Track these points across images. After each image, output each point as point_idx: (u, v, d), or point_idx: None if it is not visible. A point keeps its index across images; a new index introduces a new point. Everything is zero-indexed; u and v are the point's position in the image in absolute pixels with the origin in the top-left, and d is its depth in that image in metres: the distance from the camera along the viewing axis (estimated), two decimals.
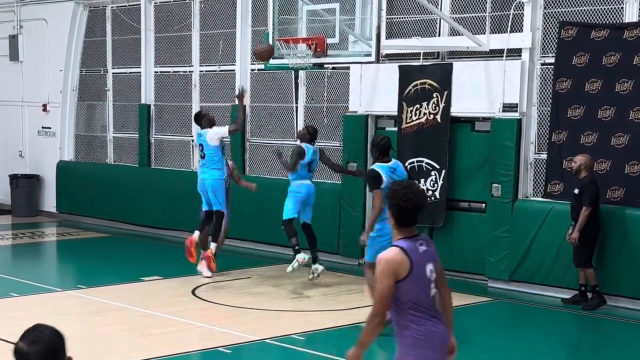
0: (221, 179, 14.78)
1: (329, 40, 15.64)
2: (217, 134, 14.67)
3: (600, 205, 13.01)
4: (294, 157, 14.33)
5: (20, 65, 23.11)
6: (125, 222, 20.55)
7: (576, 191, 12.93)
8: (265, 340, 11.25)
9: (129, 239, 19.47)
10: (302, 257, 13.98)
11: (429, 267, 6.11)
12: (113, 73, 21.47)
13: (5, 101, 23.62)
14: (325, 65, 16.18)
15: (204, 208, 15.10)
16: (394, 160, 11.85)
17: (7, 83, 23.39)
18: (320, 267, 14.33)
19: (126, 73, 21.17)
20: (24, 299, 13.57)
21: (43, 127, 22.74)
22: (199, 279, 14.82)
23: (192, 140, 19.59)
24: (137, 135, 20.64)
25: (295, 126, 17.58)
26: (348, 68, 16.25)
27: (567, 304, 13.28)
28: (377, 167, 11.58)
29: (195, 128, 19.45)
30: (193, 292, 14.00)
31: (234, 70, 18.59)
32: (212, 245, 14.87)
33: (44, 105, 22.56)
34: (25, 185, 22.73)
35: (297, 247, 14.05)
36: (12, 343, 4.18)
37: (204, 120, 15.01)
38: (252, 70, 18.39)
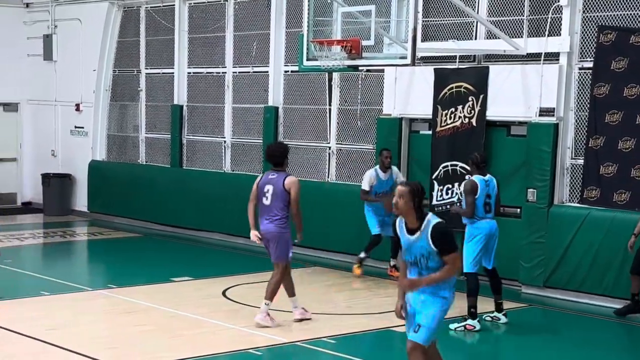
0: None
1: (364, 43, 15.51)
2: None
3: None
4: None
5: (54, 64, 23.16)
6: (156, 222, 20.52)
7: None
8: (296, 343, 11.16)
9: (159, 240, 19.44)
10: (473, 324, 12.10)
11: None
12: (146, 73, 21.45)
13: (38, 100, 23.70)
14: (360, 68, 16.05)
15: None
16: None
17: (41, 82, 23.46)
18: (503, 318, 12.58)
19: (159, 73, 21.15)
20: (55, 298, 13.56)
21: (76, 127, 22.78)
22: (229, 280, 14.75)
23: (224, 142, 19.54)
24: (169, 135, 20.61)
25: (328, 128, 17.48)
26: (383, 70, 16.13)
27: (620, 315, 12.96)
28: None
29: (228, 130, 19.51)
30: (223, 293, 13.94)
31: (267, 72, 18.52)
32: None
33: (77, 105, 22.60)
34: (57, 185, 22.77)
35: (473, 310, 12.14)
36: (47, 342, 4.13)
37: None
38: (285, 71, 18.30)
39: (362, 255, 15.19)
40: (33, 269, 16.36)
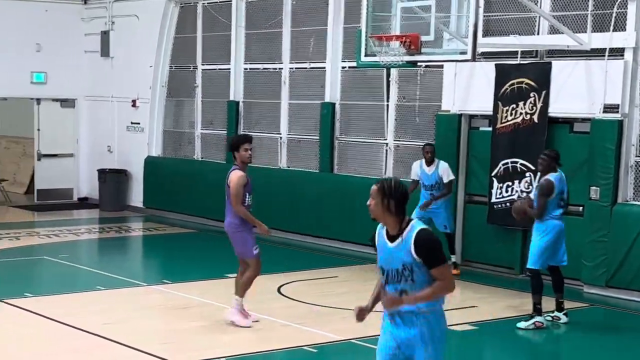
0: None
1: (424, 38, 15.31)
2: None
3: None
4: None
5: (111, 61, 23.23)
6: (211, 218, 20.41)
7: None
8: (351, 341, 10.99)
9: (214, 236, 19.34)
10: (541, 321, 11.87)
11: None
12: (202, 69, 21.41)
13: (95, 96, 23.77)
14: (419, 63, 15.83)
15: None
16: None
17: (98, 79, 23.54)
18: (564, 318, 12.24)
19: (215, 70, 21.09)
20: (110, 293, 13.58)
21: (132, 123, 22.82)
22: (284, 277, 14.63)
23: (280, 138, 19.43)
24: (225, 131, 20.53)
25: (385, 125, 17.28)
26: (442, 66, 15.91)
27: None
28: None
29: (284, 126, 19.39)
30: (278, 290, 13.84)
31: (324, 68, 18.38)
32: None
33: (134, 101, 22.64)
34: (113, 180, 22.84)
35: (538, 307, 11.89)
36: (102, 337, 4.00)
37: None
38: (342, 67, 18.13)
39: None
40: (89, 263, 16.42)
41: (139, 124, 22.62)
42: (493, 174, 15.11)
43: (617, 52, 13.84)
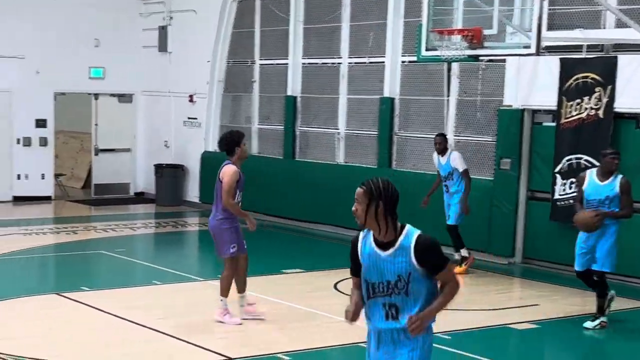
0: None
1: (486, 32, 15.13)
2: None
3: None
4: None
5: (169, 56, 23.22)
6: (268, 214, 20.31)
7: None
8: None
9: (271, 231, 19.23)
10: (605, 321, 11.55)
11: None
12: (260, 64, 21.29)
13: (153, 92, 23.78)
14: (481, 58, 15.55)
15: None
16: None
17: (155, 74, 23.54)
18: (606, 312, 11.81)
19: (273, 64, 20.95)
20: (166, 287, 13.51)
21: (189, 118, 22.78)
22: (341, 273, 14.43)
23: (338, 133, 19.24)
24: (283, 127, 20.39)
25: (445, 120, 17.01)
26: (504, 60, 15.59)
27: None
28: None
29: (342, 121, 19.21)
30: (335, 286, 13.65)
31: (383, 62, 18.15)
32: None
33: (191, 96, 22.60)
34: (170, 175, 22.82)
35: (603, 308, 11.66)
36: (158, 331, 3.81)
37: None
38: (402, 62, 17.89)
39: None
40: (145, 258, 16.42)
41: (196, 119, 22.57)
42: (557, 170, 14.80)
43: None
